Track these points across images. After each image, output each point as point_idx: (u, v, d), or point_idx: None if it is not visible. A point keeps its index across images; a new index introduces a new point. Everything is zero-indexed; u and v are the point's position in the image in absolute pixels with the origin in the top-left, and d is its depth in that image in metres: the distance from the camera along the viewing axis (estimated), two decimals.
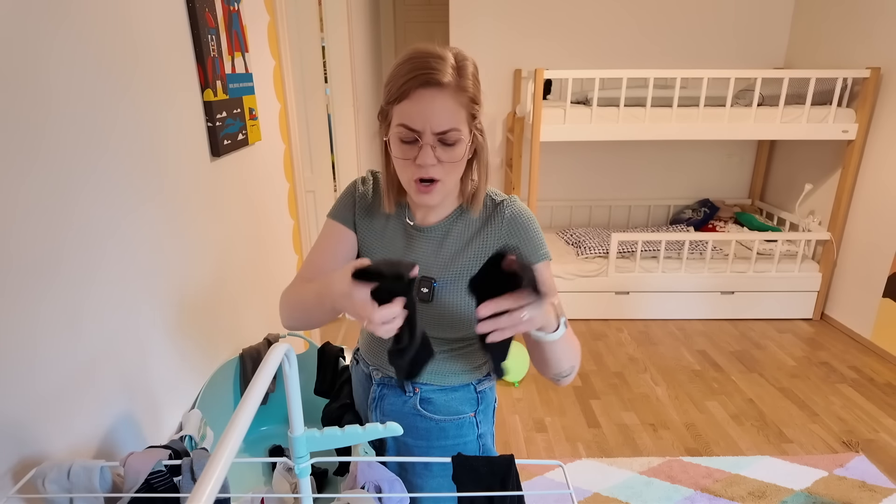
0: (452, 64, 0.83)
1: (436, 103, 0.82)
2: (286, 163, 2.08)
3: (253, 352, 1.44)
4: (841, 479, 2.05)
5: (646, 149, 3.92)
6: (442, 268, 0.96)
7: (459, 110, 0.84)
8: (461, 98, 0.83)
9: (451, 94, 0.82)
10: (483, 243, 0.95)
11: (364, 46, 3.53)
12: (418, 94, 0.82)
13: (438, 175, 0.87)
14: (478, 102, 0.87)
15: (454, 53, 0.85)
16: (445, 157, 0.85)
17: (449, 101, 0.82)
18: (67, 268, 0.86)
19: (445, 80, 0.81)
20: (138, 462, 0.79)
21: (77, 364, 0.89)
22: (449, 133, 0.84)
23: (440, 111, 0.82)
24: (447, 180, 0.88)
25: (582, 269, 3.34)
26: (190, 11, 1.28)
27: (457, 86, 0.82)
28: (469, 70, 0.85)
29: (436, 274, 0.96)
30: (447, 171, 0.87)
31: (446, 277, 0.95)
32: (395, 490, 0.83)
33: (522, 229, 0.95)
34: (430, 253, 0.97)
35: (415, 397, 1.03)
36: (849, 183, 3.10)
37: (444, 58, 0.83)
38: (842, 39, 3.22)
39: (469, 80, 0.84)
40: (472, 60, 0.88)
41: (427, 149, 0.84)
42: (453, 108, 0.83)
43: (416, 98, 0.82)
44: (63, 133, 0.85)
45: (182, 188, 1.24)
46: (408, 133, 0.84)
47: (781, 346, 3.08)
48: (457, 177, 0.91)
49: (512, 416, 2.46)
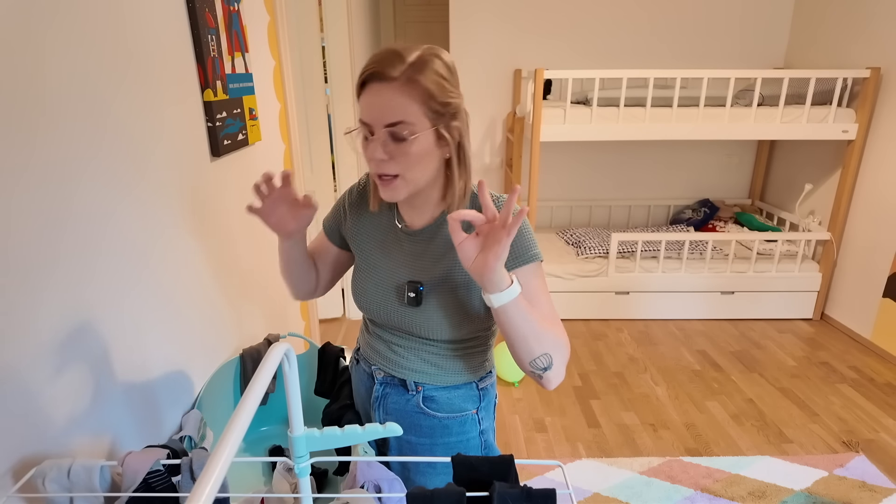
0: (411, 61, 0.82)
1: (383, 96, 0.82)
2: (286, 163, 2.08)
3: (253, 352, 1.44)
4: (841, 479, 2.05)
5: (646, 149, 3.92)
6: (428, 271, 0.96)
7: (410, 104, 0.82)
8: (412, 91, 0.82)
9: (400, 87, 0.82)
10: None
11: (364, 46, 3.53)
12: (368, 89, 0.84)
13: (394, 170, 0.86)
14: (439, 98, 0.84)
15: (423, 51, 0.84)
16: (398, 152, 0.84)
17: (396, 94, 0.82)
18: (66, 267, 0.86)
19: (393, 73, 0.81)
20: (136, 461, 0.79)
21: (77, 364, 0.89)
22: (397, 126, 0.83)
23: (387, 103, 0.82)
24: (408, 176, 0.87)
25: (582, 269, 3.34)
26: (190, 11, 1.28)
27: (407, 79, 0.81)
28: (431, 66, 0.83)
29: (423, 277, 0.96)
30: (403, 166, 0.86)
31: (433, 281, 0.95)
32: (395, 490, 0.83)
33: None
34: (416, 256, 0.98)
35: (417, 395, 1.03)
36: (849, 183, 3.10)
37: (401, 54, 0.83)
38: (842, 39, 3.22)
39: (427, 75, 0.82)
40: (446, 61, 0.86)
41: (375, 143, 0.85)
42: (402, 101, 0.82)
43: (367, 92, 0.84)
44: (61, 133, 0.85)
45: (182, 188, 1.24)
46: (363, 127, 0.86)
47: (781, 346, 3.08)
48: (421, 173, 0.88)
49: (512, 416, 2.46)
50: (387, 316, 1.01)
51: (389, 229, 1.01)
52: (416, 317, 0.97)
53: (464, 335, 0.98)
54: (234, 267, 1.55)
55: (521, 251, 0.92)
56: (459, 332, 0.97)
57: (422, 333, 0.99)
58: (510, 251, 0.89)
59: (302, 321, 2.35)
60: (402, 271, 0.98)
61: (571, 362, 2.93)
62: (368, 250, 1.04)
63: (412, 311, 0.97)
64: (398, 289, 0.98)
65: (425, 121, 0.84)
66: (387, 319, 1.02)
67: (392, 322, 1.01)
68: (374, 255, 1.03)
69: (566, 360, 0.91)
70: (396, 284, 0.99)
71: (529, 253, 0.92)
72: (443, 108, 0.85)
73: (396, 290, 0.99)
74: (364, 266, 1.04)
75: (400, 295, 0.98)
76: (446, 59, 0.87)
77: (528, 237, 0.94)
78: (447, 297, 0.95)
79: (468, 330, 0.98)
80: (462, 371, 1.03)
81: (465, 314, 0.96)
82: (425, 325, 0.97)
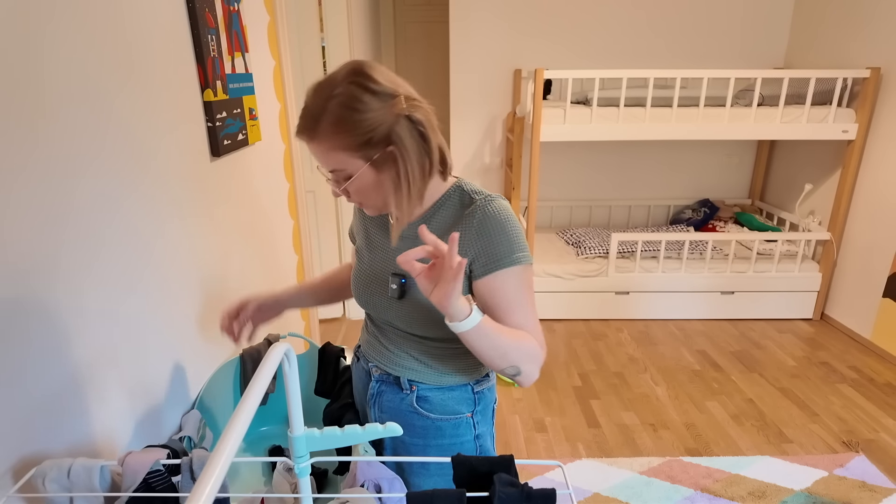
0: (317, 114, 0.83)
1: (312, 150, 0.88)
2: (286, 163, 2.08)
3: (253, 352, 1.44)
4: (841, 479, 2.05)
5: (646, 149, 3.92)
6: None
7: (334, 153, 0.85)
8: (329, 143, 0.85)
9: (318, 143, 0.86)
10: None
11: (364, 46, 3.53)
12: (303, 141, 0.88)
13: (356, 200, 0.94)
14: (358, 140, 0.83)
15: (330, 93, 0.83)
16: (350, 188, 0.90)
17: (319, 149, 0.86)
18: (66, 268, 0.86)
19: (309, 133, 0.85)
20: (136, 462, 0.79)
21: (77, 363, 0.89)
22: (334, 173, 0.89)
23: (318, 156, 0.88)
24: (367, 203, 0.93)
25: (582, 269, 3.34)
26: (190, 11, 1.28)
27: (321, 135, 0.84)
28: (329, 113, 0.82)
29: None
30: (360, 197, 0.92)
31: None
32: (395, 489, 0.83)
33: (494, 230, 0.90)
34: (404, 250, 0.98)
35: (411, 395, 1.03)
36: (849, 183, 3.10)
37: (309, 108, 0.85)
38: (842, 39, 3.22)
39: (337, 124, 0.82)
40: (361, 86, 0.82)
41: (332, 183, 0.92)
42: (324, 152, 0.86)
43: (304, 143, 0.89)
44: (61, 134, 0.85)
45: (182, 188, 1.24)
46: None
47: (781, 346, 3.08)
48: (378, 197, 0.91)
49: (512, 416, 2.46)
50: (375, 309, 1.04)
51: (383, 223, 1.04)
52: (401, 310, 0.98)
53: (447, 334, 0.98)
54: (233, 267, 1.55)
55: (501, 254, 0.90)
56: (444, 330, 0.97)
57: (407, 328, 1.00)
58: (489, 254, 0.90)
59: (302, 321, 2.35)
60: (389, 264, 1.00)
61: (571, 362, 2.93)
62: (365, 243, 1.06)
63: (397, 304, 0.98)
64: (383, 281, 1.00)
65: (357, 161, 0.86)
66: (377, 313, 1.04)
67: (381, 315, 1.04)
68: (368, 248, 1.05)
69: (538, 363, 0.93)
70: (382, 277, 1.01)
71: (512, 256, 0.90)
72: (367, 142, 0.84)
73: (382, 283, 1.01)
74: (359, 258, 1.07)
75: (385, 287, 1.00)
76: (363, 82, 0.82)
77: (513, 238, 0.91)
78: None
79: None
80: (455, 372, 1.03)
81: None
82: (408, 319, 0.98)
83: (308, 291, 1.22)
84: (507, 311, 0.92)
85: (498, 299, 0.92)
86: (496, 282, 0.91)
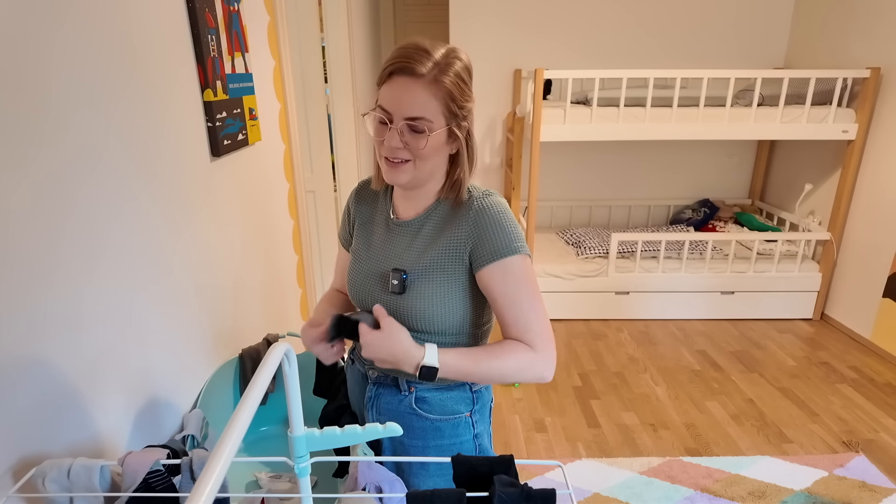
0: (436, 60, 0.87)
1: (408, 90, 0.87)
2: (286, 163, 2.08)
3: (252, 352, 1.44)
4: (841, 479, 2.05)
5: (646, 149, 3.92)
6: (414, 260, 0.98)
7: (432, 101, 0.87)
8: (436, 91, 0.87)
9: (425, 84, 0.87)
10: (452, 236, 0.96)
11: (364, 46, 3.53)
12: (395, 80, 0.88)
13: (406, 156, 0.92)
14: (458, 101, 0.90)
15: (446, 51, 0.89)
16: (412, 143, 0.90)
17: (421, 91, 0.87)
18: (67, 268, 0.86)
19: (421, 70, 0.86)
20: (136, 461, 0.79)
21: (77, 363, 0.89)
22: (417, 121, 0.88)
23: (411, 98, 0.87)
24: (417, 164, 0.92)
25: (582, 269, 3.34)
26: (190, 11, 1.28)
27: (433, 79, 0.87)
28: (453, 68, 0.88)
29: (408, 266, 0.98)
30: (415, 155, 0.91)
31: (417, 270, 0.98)
32: (396, 490, 0.83)
33: (490, 222, 0.94)
34: (404, 245, 1.00)
35: (410, 396, 1.03)
36: (849, 183, 3.10)
37: (429, 52, 0.87)
38: (842, 39, 3.22)
39: (449, 77, 0.88)
40: (466, 64, 0.92)
41: (394, 132, 0.89)
42: (425, 98, 0.87)
43: (393, 83, 0.88)
44: (62, 133, 0.85)
45: (182, 188, 1.24)
46: (382, 114, 0.90)
47: (781, 346, 3.08)
48: (427, 166, 0.93)
49: (512, 416, 2.46)
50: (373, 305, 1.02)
51: (383, 221, 1.05)
52: (400, 305, 0.98)
53: (449, 329, 0.98)
54: (233, 267, 1.55)
55: (499, 244, 0.93)
56: (443, 325, 0.97)
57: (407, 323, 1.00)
58: (487, 245, 0.93)
59: (301, 321, 2.35)
60: (390, 261, 1.01)
61: (571, 362, 2.93)
62: (361, 241, 1.07)
63: (396, 300, 0.98)
64: (383, 277, 1.00)
65: (442, 119, 0.89)
66: None
67: None
68: (365, 246, 1.06)
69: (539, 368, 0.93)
70: (382, 273, 1.01)
71: (511, 246, 0.93)
72: (459, 109, 0.90)
73: (382, 279, 1.01)
74: (355, 257, 1.07)
75: (385, 283, 1.00)
76: (467, 62, 0.92)
77: (509, 230, 0.94)
78: (431, 286, 0.96)
79: (452, 323, 0.98)
80: None
81: (449, 306, 0.98)
82: (408, 314, 0.98)
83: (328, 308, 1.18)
84: (513, 301, 0.93)
85: (501, 289, 0.93)
86: (497, 272, 0.92)
